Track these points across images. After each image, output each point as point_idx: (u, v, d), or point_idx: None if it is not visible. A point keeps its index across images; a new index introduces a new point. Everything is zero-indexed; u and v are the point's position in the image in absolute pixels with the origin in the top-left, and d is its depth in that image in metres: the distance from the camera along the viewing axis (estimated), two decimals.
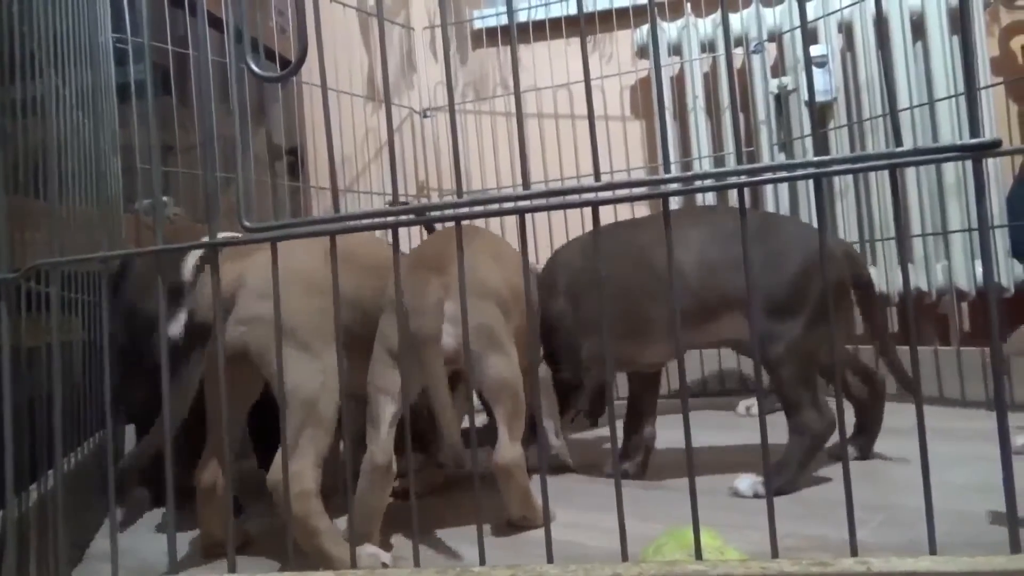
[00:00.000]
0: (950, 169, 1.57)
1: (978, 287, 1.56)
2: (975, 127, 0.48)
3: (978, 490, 0.92)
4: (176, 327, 0.94)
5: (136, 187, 1.40)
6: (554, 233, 1.89)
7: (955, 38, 1.63)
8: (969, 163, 1.37)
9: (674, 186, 0.56)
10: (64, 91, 0.89)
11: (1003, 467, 0.48)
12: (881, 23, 0.47)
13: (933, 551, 0.49)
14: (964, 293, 1.55)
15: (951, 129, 1.59)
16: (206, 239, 0.61)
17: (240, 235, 0.60)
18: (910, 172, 1.63)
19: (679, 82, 1.85)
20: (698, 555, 0.55)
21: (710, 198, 1.73)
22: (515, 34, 0.58)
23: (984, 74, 1.61)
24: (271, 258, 0.59)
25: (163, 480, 0.60)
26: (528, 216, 1.67)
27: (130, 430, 1.26)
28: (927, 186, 1.62)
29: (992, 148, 0.48)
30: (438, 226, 1.30)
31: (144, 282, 1.04)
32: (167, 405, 0.63)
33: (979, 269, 1.54)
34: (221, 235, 0.60)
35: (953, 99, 1.59)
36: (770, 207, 1.75)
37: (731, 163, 1.76)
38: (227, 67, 0.59)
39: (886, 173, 1.51)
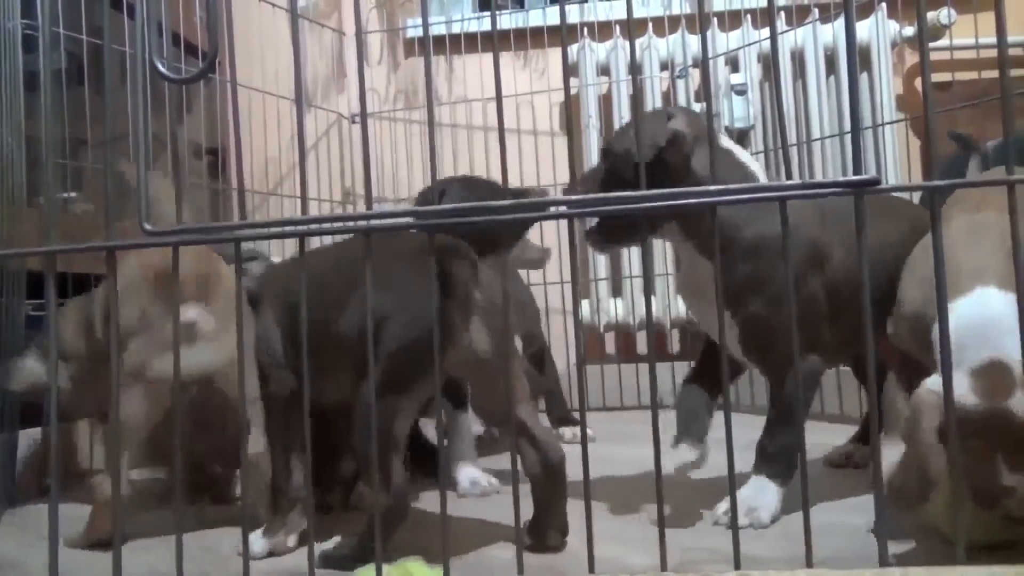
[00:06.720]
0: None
1: None
2: (858, 165, 0.51)
3: (860, 507, 0.94)
4: None
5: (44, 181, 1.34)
6: None
7: (864, 74, 1.73)
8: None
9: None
10: None
11: (873, 484, 0.50)
12: (776, 60, 0.50)
13: (809, 564, 0.51)
14: None
15: (863, 161, 1.68)
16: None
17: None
18: None
19: (607, 101, 1.89)
20: None
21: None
22: (430, 47, 0.59)
23: (889, 110, 1.70)
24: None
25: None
26: None
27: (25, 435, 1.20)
28: None
29: (872, 185, 0.51)
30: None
31: None
32: (54, 401, 0.60)
33: None
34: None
35: (870, 130, 1.68)
36: None
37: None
38: (141, 62, 0.58)
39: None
